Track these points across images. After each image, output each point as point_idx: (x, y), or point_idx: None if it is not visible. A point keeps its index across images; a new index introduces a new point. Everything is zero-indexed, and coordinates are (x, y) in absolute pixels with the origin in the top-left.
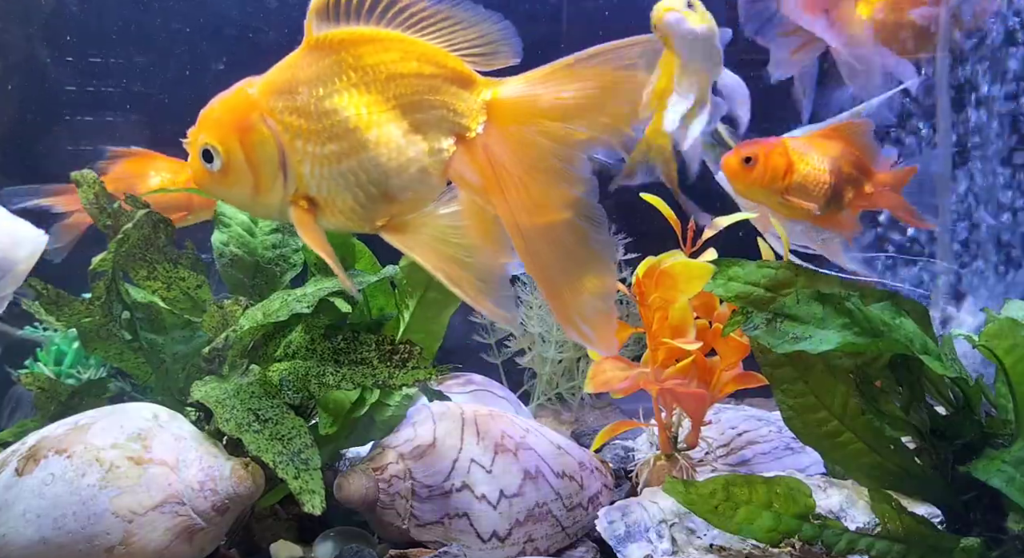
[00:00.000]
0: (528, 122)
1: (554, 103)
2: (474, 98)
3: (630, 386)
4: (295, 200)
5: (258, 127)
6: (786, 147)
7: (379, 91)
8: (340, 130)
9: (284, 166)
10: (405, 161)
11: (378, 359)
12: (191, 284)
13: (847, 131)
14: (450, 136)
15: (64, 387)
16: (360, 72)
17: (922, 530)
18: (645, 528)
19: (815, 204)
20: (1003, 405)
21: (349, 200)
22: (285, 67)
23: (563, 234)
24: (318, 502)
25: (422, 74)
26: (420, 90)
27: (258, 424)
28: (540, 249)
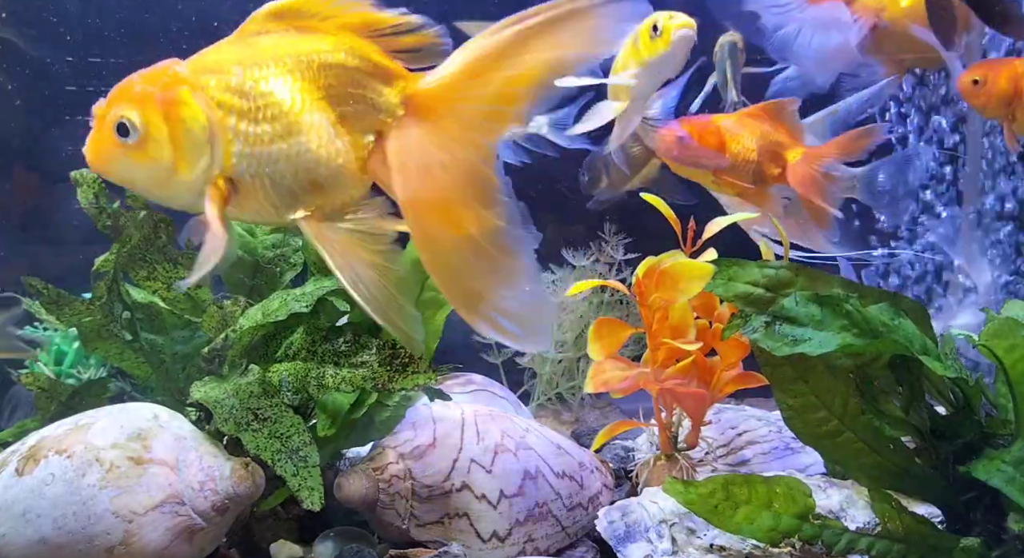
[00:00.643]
0: (444, 116)
1: (474, 94)
2: (394, 93)
3: (630, 386)
4: (215, 182)
5: (187, 101)
6: (718, 126)
7: (311, 79)
8: (274, 112)
9: (212, 144)
10: (333, 151)
11: (378, 363)
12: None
13: (773, 109)
14: (371, 131)
15: (64, 387)
16: (295, 58)
17: (922, 530)
18: (645, 528)
19: (745, 181)
20: (1003, 405)
21: (273, 185)
22: (217, 49)
23: (477, 233)
24: (316, 499)
25: (348, 66)
26: (346, 82)
27: (257, 423)
28: (450, 249)
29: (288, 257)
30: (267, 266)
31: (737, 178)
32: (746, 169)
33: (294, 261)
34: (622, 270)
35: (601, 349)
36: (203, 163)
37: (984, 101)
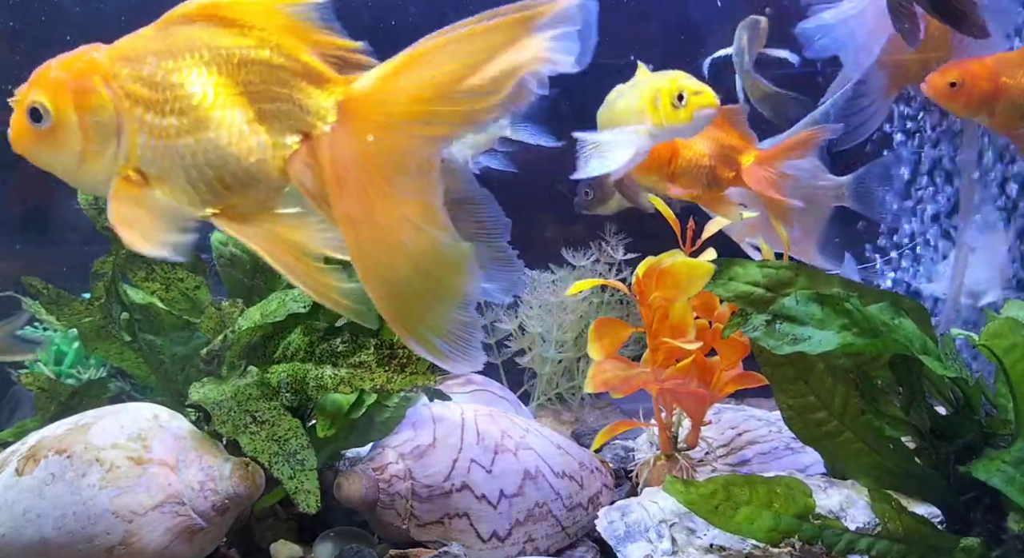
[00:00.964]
0: (380, 123)
1: (413, 97)
2: (325, 96)
3: (630, 386)
4: (124, 172)
5: (97, 90)
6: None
7: (229, 74)
8: (183, 105)
9: (119, 134)
10: (245, 149)
11: (376, 363)
12: (190, 285)
13: (724, 115)
14: (296, 133)
15: (64, 387)
16: (213, 52)
17: (922, 530)
18: (645, 528)
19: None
20: (1003, 405)
21: (182, 180)
22: (137, 37)
23: (413, 243)
24: (313, 502)
25: (273, 64)
26: (270, 80)
27: (255, 426)
28: (384, 263)
29: None
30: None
31: (691, 184)
32: (700, 174)
33: None
34: (622, 270)
35: (601, 349)
36: (110, 153)
37: (964, 103)
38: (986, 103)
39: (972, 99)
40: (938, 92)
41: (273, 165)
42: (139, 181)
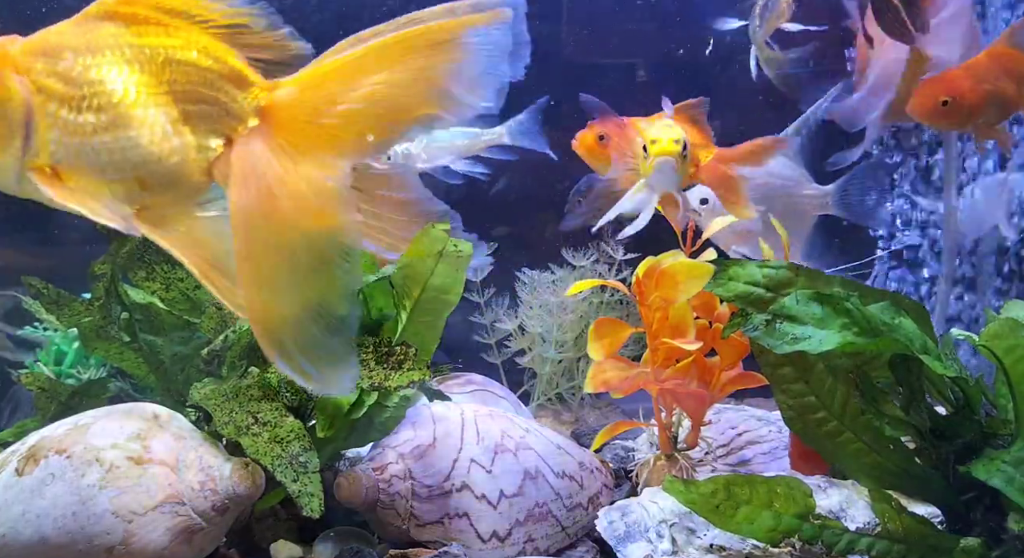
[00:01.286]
0: (293, 131)
1: (333, 106)
2: (248, 100)
3: (630, 386)
4: (38, 167)
5: (6, 82)
6: (636, 127)
7: (153, 73)
8: (101, 102)
9: (28, 128)
10: (166, 149)
11: (375, 361)
12: (190, 285)
13: (685, 111)
14: (220, 136)
15: (64, 387)
16: (137, 50)
17: (922, 530)
18: (645, 528)
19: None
20: (1003, 405)
21: (97, 177)
22: (56, 31)
23: (303, 258)
24: (316, 505)
25: (199, 66)
26: (196, 82)
27: (257, 427)
28: (269, 273)
29: None
30: None
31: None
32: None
33: None
34: (622, 270)
35: (601, 349)
36: (15, 147)
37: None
38: (976, 114)
39: (963, 113)
40: (930, 112)
41: (195, 167)
42: (52, 177)
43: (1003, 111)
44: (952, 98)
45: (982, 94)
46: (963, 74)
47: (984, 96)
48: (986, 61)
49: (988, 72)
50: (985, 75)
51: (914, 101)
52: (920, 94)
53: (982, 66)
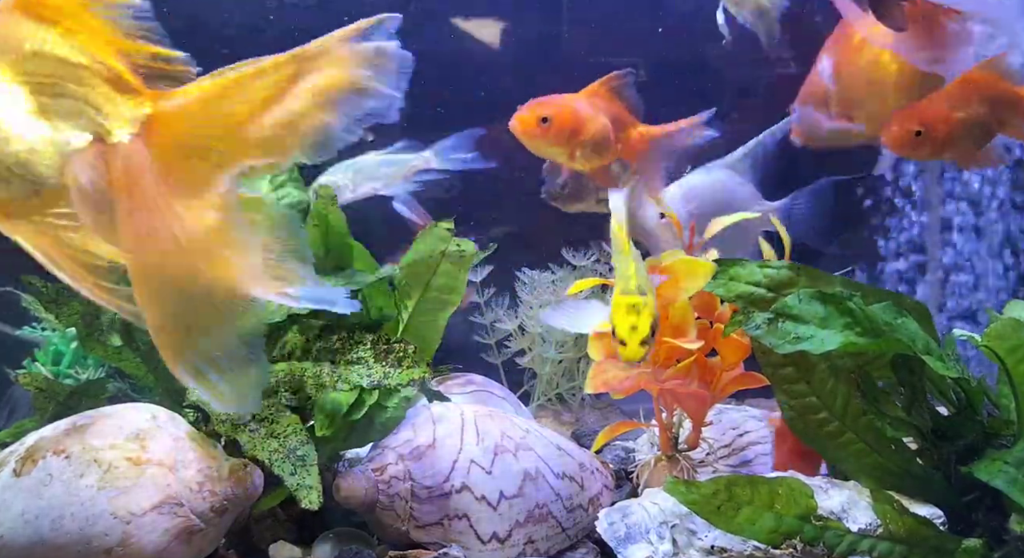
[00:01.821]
0: (183, 143)
1: (219, 124)
2: (130, 106)
3: (630, 387)
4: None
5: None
6: (574, 107)
7: (12, 63)
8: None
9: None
10: (15, 138)
11: (374, 358)
12: None
13: (613, 85)
14: (84, 134)
15: (62, 387)
16: (1, 39)
17: (924, 531)
18: (646, 529)
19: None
20: (1005, 405)
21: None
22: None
23: (200, 275)
24: (315, 497)
25: (70, 61)
26: (63, 76)
27: (254, 423)
28: (167, 288)
29: None
30: None
31: (599, 157)
32: (605, 147)
33: None
34: None
35: (601, 349)
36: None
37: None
38: (950, 143)
39: (937, 143)
40: (902, 143)
41: (47, 160)
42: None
43: (981, 138)
44: (925, 128)
45: (955, 122)
46: (935, 103)
47: (957, 124)
48: (959, 89)
49: (961, 99)
50: (958, 103)
51: (887, 132)
52: (892, 125)
53: (955, 94)
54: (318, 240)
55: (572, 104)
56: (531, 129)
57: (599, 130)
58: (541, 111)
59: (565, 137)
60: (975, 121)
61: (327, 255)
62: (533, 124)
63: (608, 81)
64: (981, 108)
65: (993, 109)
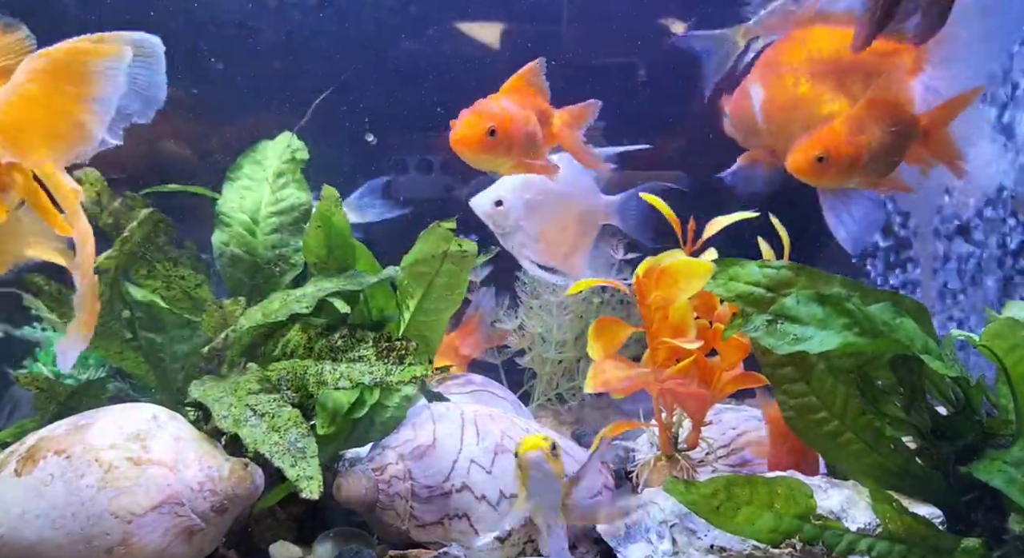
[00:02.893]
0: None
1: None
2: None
3: (630, 386)
4: None
5: None
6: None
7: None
8: None
9: None
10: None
11: (376, 356)
12: (191, 283)
13: (530, 77)
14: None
15: (63, 387)
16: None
17: (923, 530)
18: (646, 529)
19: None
20: (1004, 405)
21: None
22: None
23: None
24: (315, 488)
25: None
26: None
27: (255, 418)
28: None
29: (288, 257)
30: (267, 266)
31: (536, 155)
32: (536, 144)
33: (294, 261)
34: (622, 270)
35: (601, 349)
36: None
37: (834, 174)
38: (854, 167)
39: (841, 168)
40: (805, 169)
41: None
42: None
43: (887, 162)
44: (827, 153)
45: (859, 146)
46: (835, 129)
47: (861, 148)
48: (863, 112)
49: (865, 124)
50: (862, 127)
51: (790, 159)
52: (795, 152)
53: (858, 118)
54: (321, 241)
55: (507, 109)
56: (480, 144)
57: (532, 130)
58: (485, 124)
59: (507, 146)
60: (879, 145)
61: (330, 256)
62: (481, 138)
63: (525, 75)
64: (885, 132)
65: (900, 134)
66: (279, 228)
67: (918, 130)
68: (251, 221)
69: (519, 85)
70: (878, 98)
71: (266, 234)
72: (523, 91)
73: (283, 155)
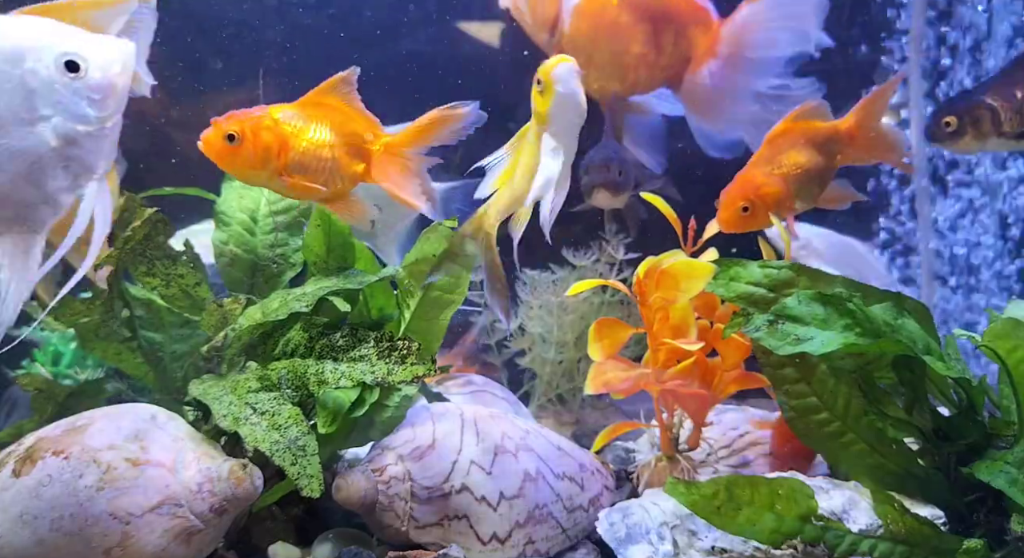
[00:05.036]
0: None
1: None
2: None
3: (631, 387)
4: None
5: None
6: (275, 119)
7: None
8: None
9: None
10: None
11: (377, 355)
12: (190, 282)
13: (337, 89)
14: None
15: (61, 388)
16: None
17: (925, 531)
18: (646, 530)
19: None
20: (1006, 406)
21: None
22: None
23: None
24: (316, 485)
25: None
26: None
27: (256, 416)
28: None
29: (288, 256)
30: (266, 265)
31: (312, 179)
32: (320, 168)
33: (293, 261)
34: (623, 270)
35: (602, 350)
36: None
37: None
38: (783, 201)
39: (769, 207)
40: (735, 222)
41: None
42: None
43: (817, 181)
44: (750, 204)
45: (778, 181)
46: (752, 172)
47: (782, 182)
48: (768, 149)
49: (774, 158)
50: (776, 161)
51: (719, 217)
52: (721, 210)
53: (766, 156)
54: (320, 240)
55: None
56: (215, 149)
57: (313, 146)
58: (225, 128)
59: (260, 158)
60: (799, 171)
61: (329, 255)
62: (218, 144)
63: (330, 86)
64: (802, 155)
65: (820, 150)
66: (278, 227)
67: (840, 138)
68: (250, 220)
69: (317, 98)
70: (790, 125)
71: (265, 233)
72: (322, 104)
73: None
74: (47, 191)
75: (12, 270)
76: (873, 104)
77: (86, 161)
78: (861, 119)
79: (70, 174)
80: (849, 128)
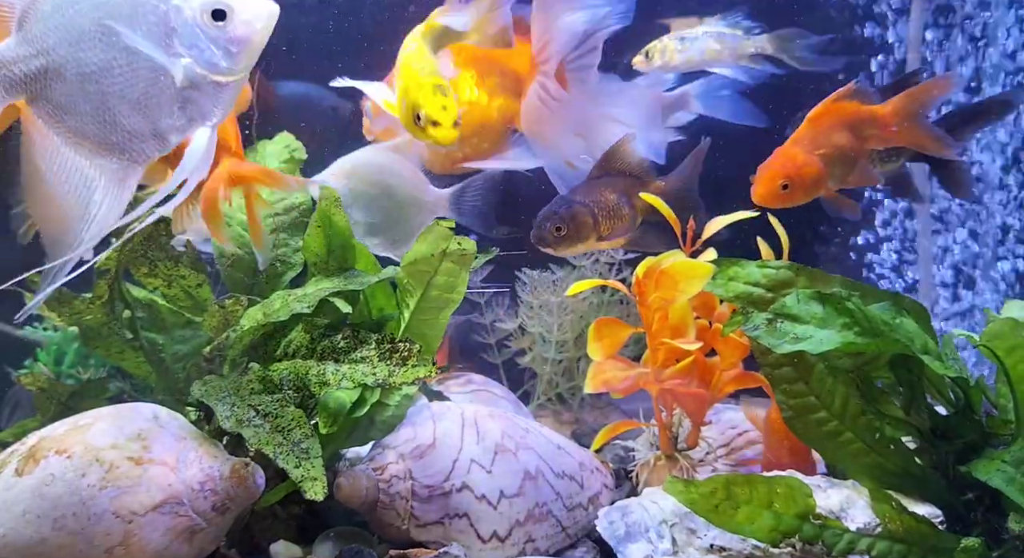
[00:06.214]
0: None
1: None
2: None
3: (630, 386)
4: None
5: None
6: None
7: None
8: None
9: None
10: None
11: (378, 357)
12: (191, 282)
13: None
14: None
15: (64, 387)
16: None
17: (923, 530)
18: (645, 528)
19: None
20: (1003, 405)
21: None
22: None
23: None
24: (319, 488)
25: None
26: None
27: (259, 419)
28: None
29: (288, 257)
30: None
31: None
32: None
33: (294, 261)
34: (622, 270)
35: (601, 349)
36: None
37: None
38: (819, 182)
39: (807, 187)
40: (771, 198)
41: None
42: None
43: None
44: (789, 179)
45: (817, 163)
46: (790, 153)
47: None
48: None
49: (816, 138)
50: (814, 142)
51: (756, 191)
52: (759, 184)
53: (808, 135)
54: (321, 241)
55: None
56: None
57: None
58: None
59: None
60: (838, 152)
61: (330, 256)
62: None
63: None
64: (842, 137)
65: (857, 133)
66: (279, 228)
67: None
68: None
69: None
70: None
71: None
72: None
73: (281, 155)
74: (159, 127)
75: (106, 193)
76: (918, 95)
77: (204, 108)
78: (900, 108)
79: (185, 116)
80: (886, 115)
